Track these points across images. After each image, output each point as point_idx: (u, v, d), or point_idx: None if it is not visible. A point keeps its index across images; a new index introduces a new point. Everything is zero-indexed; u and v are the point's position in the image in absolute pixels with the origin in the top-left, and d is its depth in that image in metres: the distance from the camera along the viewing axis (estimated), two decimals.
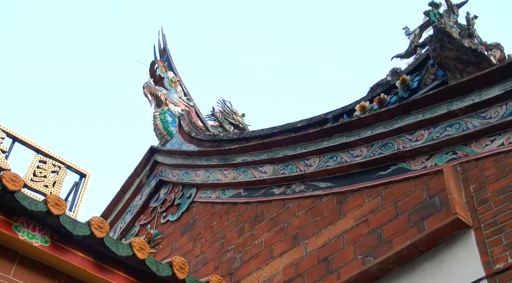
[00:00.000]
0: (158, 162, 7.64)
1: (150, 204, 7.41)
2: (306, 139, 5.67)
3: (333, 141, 5.44)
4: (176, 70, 8.56)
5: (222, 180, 6.48)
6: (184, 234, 6.57)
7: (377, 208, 4.80)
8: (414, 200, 4.58)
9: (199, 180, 6.80)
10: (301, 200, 5.51)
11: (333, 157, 5.42)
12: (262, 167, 6.10)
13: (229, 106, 8.87)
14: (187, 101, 8.30)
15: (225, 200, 6.37)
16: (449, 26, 5.01)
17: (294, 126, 6.10)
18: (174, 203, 7.04)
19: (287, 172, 5.76)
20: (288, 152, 5.82)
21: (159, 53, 8.77)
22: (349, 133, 5.35)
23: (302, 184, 5.62)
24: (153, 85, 8.04)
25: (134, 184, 7.68)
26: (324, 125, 5.64)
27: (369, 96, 5.56)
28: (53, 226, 3.80)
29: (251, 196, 6.10)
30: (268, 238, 5.53)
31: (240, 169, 6.34)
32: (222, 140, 6.90)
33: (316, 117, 5.94)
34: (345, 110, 5.71)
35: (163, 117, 7.85)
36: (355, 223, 4.86)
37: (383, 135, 5.10)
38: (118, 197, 7.73)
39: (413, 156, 4.86)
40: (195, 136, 7.38)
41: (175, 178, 7.20)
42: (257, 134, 6.48)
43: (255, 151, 6.20)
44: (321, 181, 5.46)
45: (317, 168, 5.49)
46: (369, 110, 5.41)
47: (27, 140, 4.51)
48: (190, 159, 7.05)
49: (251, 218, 5.90)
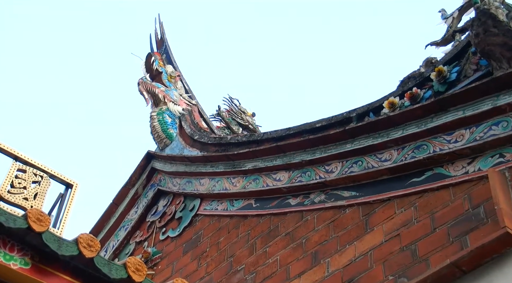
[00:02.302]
0: (156, 170, 7.70)
1: (147, 218, 7.47)
2: (327, 141, 5.69)
3: (358, 144, 5.46)
4: (176, 64, 8.58)
5: (230, 189, 6.53)
6: (187, 252, 6.61)
7: (411, 220, 4.79)
8: (454, 211, 4.55)
9: (203, 190, 6.85)
10: (322, 212, 5.54)
11: (357, 162, 5.44)
12: (275, 174, 6.13)
13: (237, 104, 8.94)
14: (189, 99, 8.34)
15: (234, 213, 6.41)
16: (494, 7, 5.01)
17: (312, 126, 6.10)
18: (175, 217, 7.10)
19: (304, 180, 5.80)
20: (306, 157, 5.84)
21: (156, 44, 8.82)
22: (376, 134, 5.36)
23: (322, 193, 5.65)
24: (149, 81, 8.07)
25: (129, 196, 7.72)
26: (347, 125, 5.66)
27: (399, 91, 5.54)
28: (35, 245, 3.77)
29: (264, 207, 6.13)
30: (283, 256, 5.55)
31: (250, 176, 6.39)
32: (230, 144, 6.94)
33: (337, 116, 5.93)
34: (371, 107, 5.68)
35: (162, 118, 7.90)
36: (384, 238, 4.87)
37: (416, 136, 5.09)
38: (110, 211, 7.77)
39: (452, 160, 4.84)
40: (199, 139, 7.42)
41: (175, 188, 7.26)
42: (270, 136, 6.49)
43: (268, 156, 6.24)
44: (344, 190, 5.48)
45: (339, 174, 5.51)
46: (400, 107, 5.39)
47: (3, 145, 4.51)
48: (193, 166, 7.10)
49: (263, 233, 5.94)
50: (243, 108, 8.96)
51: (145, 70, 8.21)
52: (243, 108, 8.96)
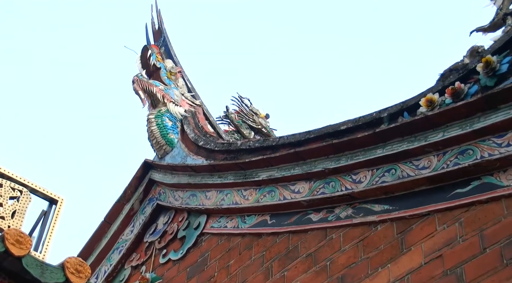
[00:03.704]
0: (155, 182, 7.70)
1: (145, 238, 7.46)
2: (353, 146, 5.67)
3: (390, 149, 5.43)
4: (177, 58, 8.58)
5: (241, 203, 6.52)
6: (192, 277, 6.60)
7: (455, 239, 4.74)
8: (508, 228, 4.49)
9: (210, 205, 6.85)
10: (349, 229, 5.52)
11: (390, 170, 5.42)
12: (294, 185, 6.12)
13: (248, 104, 8.99)
14: (192, 99, 8.34)
15: (246, 231, 6.41)
16: None
17: (336, 129, 6.08)
18: (177, 236, 7.08)
19: (328, 192, 5.79)
20: (329, 165, 5.83)
21: (153, 36, 8.85)
22: (412, 137, 5.31)
23: (349, 207, 5.64)
24: (146, 79, 8.09)
25: (123, 212, 7.72)
26: (377, 127, 5.63)
27: (439, 86, 5.48)
28: (14, 272, 3.79)
29: (281, 224, 6.12)
30: (304, 281, 5.52)
31: (265, 188, 6.38)
32: (240, 150, 6.94)
33: (366, 116, 5.91)
34: (405, 106, 5.64)
35: (161, 121, 7.91)
36: (424, 260, 4.82)
37: (460, 139, 5.04)
38: (102, 230, 7.76)
39: (504, 167, 4.78)
40: (204, 145, 7.42)
41: (178, 203, 7.25)
42: (287, 141, 6.47)
43: (285, 164, 6.22)
44: (375, 203, 5.45)
45: (369, 185, 5.50)
46: (440, 105, 5.33)
47: None
48: (197, 177, 7.10)
49: (281, 254, 5.92)
50: (255, 109, 8.99)
51: (140, 66, 8.22)
52: (255, 109, 8.99)
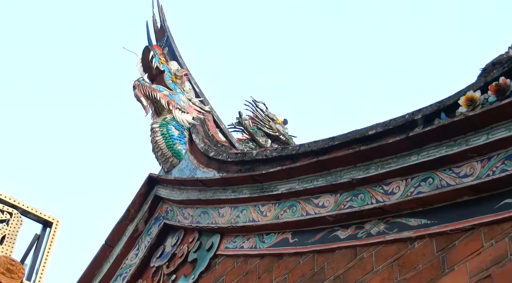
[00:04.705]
0: (161, 198, 7.70)
1: (152, 263, 7.45)
2: (384, 153, 5.63)
3: (426, 155, 5.36)
4: (183, 59, 8.63)
5: (259, 220, 6.50)
6: None
7: (505, 256, 4.65)
8: None
9: (224, 223, 6.83)
10: (381, 247, 5.48)
11: (427, 179, 5.36)
12: (318, 198, 6.09)
13: (263, 109, 9.04)
14: (201, 105, 8.38)
15: (265, 251, 6.38)
16: None
17: (363, 134, 6.03)
18: (187, 259, 7.05)
19: (356, 205, 5.75)
20: (357, 174, 5.79)
21: (155, 35, 8.93)
22: (451, 141, 5.25)
23: (381, 222, 5.60)
24: (148, 83, 8.11)
25: (126, 234, 7.72)
26: (410, 131, 5.56)
27: (481, 83, 5.40)
28: None
29: (304, 243, 6.08)
30: None
31: (285, 203, 6.35)
32: (256, 161, 6.92)
33: (397, 119, 5.83)
34: (442, 106, 5.55)
35: (166, 131, 7.94)
36: (470, 281, 4.75)
37: (507, 142, 4.97)
38: (103, 254, 7.76)
39: None
40: (215, 156, 7.43)
41: (187, 221, 7.24)
42: (308, 149, 6.42)
43: (307, 175, 6.18)
44: (411, 217, 5.40)
45: (402, 196, 5.44)
46: (482, 104, 5.25)
47: None
48: (209, 192, 7.09)
49: (305, 277, 5.89)
50: (271, 114, 9.03)
51: (142, 69, 8.25)
52: (271, 114, 9.03)
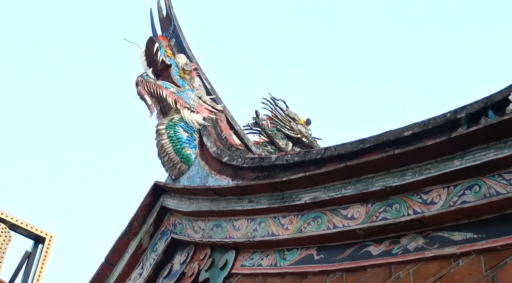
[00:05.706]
0: (168, 210, 7.71)
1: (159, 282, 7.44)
2: (422, 157, 5.54)
3: (472, 159, 5.27)
4: (191, 52, 8.69)
5: (280, 234, 6.45)
6: None
7: None
8: None
9: (239, 237, 6.79)
10: (420, 264, 5.40)
11: (473, 187, 5.26)
12: (346, 209, 6.03)
13: (283, 108, 9.07)
14: (213, 104, 8.42)
15: (287, 269, 6.32)
16: None
17: (398, 135, 5.99)
18: (198, 279, 7.01)
19: (391, 217, 5.68)
20: (391, 182, 5.72)
21: (160, 25, 9.02)
22: (500, 142, 5.15)
23: (419, 236, 5.53)
24: (153, 80, 8.16)
25: (129, 250, 7.74)
26: (452, 132, 5.49)
27: None
28: None
29: (331, 260, 6.03)
30: None
31: (308, 214, 6.30)
32: (276, 166, 6.89)
33: (437, 118, 5.78)
34: (490, 102, 5.46)
35: (173, 133, 7.97)
36: None
37: None
38: (103, 273, 7.81)
39: None
40: (229, 161, 7.43)
41: (198, 236, 7.22)
42: (335, 152, 6.38)
43: (333, 183, 6.13)
44: (454, 230, 5.32)
45: (444, 207, 5.35)
46: None
47: None
48: (222, 202, 7.06)
49: None
50: (292, 114, 9.07)
51: (146, 64, 8.31)
52: (292, 114, 9.07)
